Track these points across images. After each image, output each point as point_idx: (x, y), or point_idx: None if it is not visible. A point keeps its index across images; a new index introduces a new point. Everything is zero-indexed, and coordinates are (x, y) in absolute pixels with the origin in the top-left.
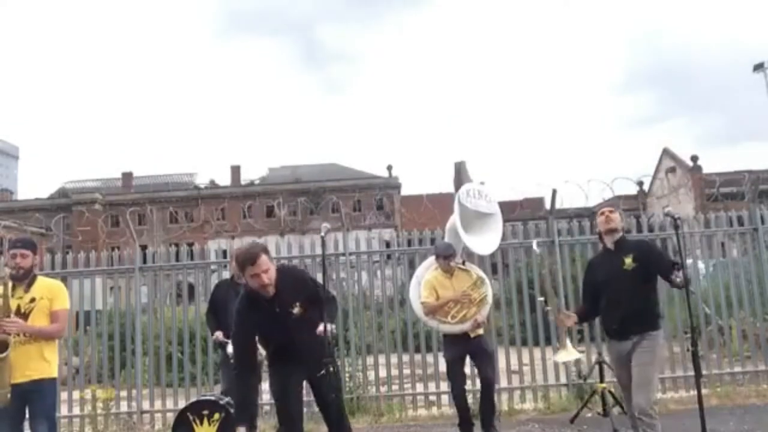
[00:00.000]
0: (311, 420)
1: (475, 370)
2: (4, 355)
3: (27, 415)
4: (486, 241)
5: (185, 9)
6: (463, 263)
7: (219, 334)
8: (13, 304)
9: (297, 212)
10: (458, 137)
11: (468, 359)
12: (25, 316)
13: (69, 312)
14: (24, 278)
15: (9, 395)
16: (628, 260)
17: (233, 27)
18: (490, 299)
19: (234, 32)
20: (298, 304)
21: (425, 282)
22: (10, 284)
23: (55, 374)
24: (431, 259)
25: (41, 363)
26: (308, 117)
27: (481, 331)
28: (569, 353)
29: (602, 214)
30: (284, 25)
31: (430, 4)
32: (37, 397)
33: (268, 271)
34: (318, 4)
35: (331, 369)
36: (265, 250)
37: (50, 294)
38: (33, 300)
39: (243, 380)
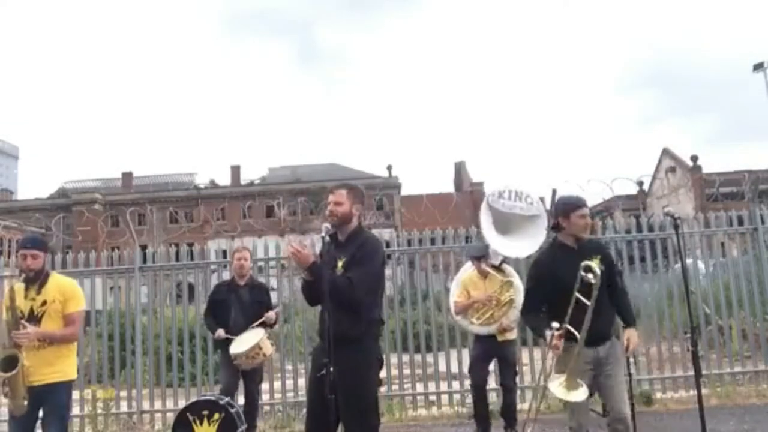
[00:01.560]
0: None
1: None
2: (14, 372)
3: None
4: (521, 244)
5: (185, 9)
6: (500, 265)
7: (221, 332)
8: (26, 305)
9: (297, 212)
10: (458, 137)
11: (495, 362)
12: (38, 319)
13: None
14: (36, 279)
15: (25, 402)
16: (595, 264)
17: (233, 27)
18: (518, 303)
19: (233, 32)
20: (344, 259)
21: (459, 281)
22: (23, 287)
23: (72, 376)
24: None
25: (58, 366)
26: (308, 117)
27: (510, 336)
28: (576, 392)
29: (584, 217)
30: (283, 25)
31: (431, 3)
32: (51, 398)
33: (339, 204)
34: (317, 4)
35: (331, 369)
36: (352, 190)
37: (63, 296)
38: (45, 303)
39: None
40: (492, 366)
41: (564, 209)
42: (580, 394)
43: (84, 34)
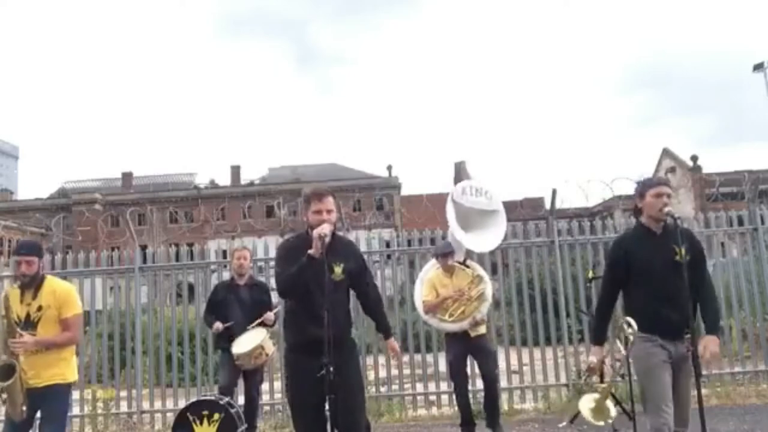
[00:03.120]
0: None
1: (477, 370)
2: (11, 381)
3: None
4: (485, 239)
5: (185, 9)
6: (464, 261)
7: (218, 324)
8: (22, 310)
9: (297, 212)
10: (458, 137)
11: (470, 359)
12: (34, 324)
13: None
14: (31, 284)
15: (24, 408)
16: (682, 251)
17: (233, 28)
18: (488, 297)
19: (234, 33)
20: (342, 265)
21: (426, 280)
22: (18, 292)
23: (70, 379)
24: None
25: (57, 369)
26: (308, 117)
27: (481, 330)
28: (601, 411)
29: (659, 196)
30: (283, 26)
31: (430, 4)
32: (50, 401)
33: (330, 213)
34: (316, 5)
35: (331, 369)
36: (334, 196)
37: (57, 302)
38: (40, 308)
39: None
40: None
41: (641, 189)
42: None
43: (84, 35)
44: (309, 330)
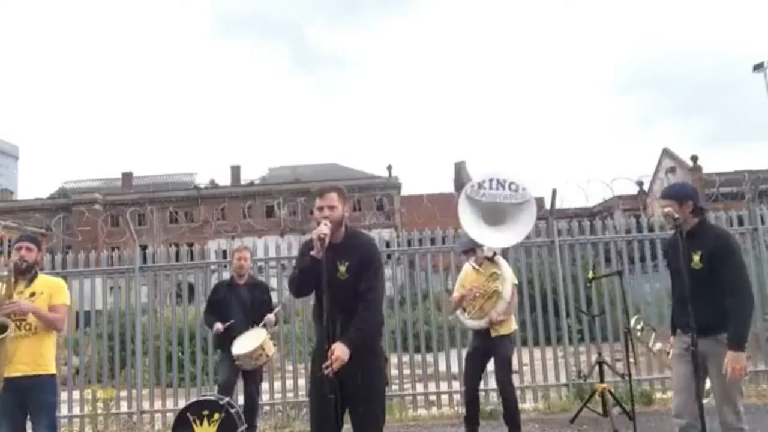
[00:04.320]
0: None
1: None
2: (3, 335)
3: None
4: (503, 235)
5: (185, 10)
6: (493, 257)
7: (219, 325)
8: (14, 298)
9: (297, 212)
10: (458, 137)
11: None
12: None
13: (69, 310)
14: (26, 273)
15: (2, 384)
16: (696, 258)
17: (232, 28)
18: (505, 295)
19: (233, 33)
20: (347, 264)
21: (458, 278)
22: (12, 278)
23: (52, 371)
24: None
25: (38, 357)
26: (308, 117)
27: (503, 331)
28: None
29: (661, 207)
30: (283, 26)
31: (428, 4)
32: (37, 394)
33: (332, 209)
34: (316, 6)
35: (330, 369)
36: (341, 192)
37: (50, 289)
38: (33, 294)
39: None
40: (490, 366)
41: None
42: None
43: (84, 35)
44: (319, 329)
